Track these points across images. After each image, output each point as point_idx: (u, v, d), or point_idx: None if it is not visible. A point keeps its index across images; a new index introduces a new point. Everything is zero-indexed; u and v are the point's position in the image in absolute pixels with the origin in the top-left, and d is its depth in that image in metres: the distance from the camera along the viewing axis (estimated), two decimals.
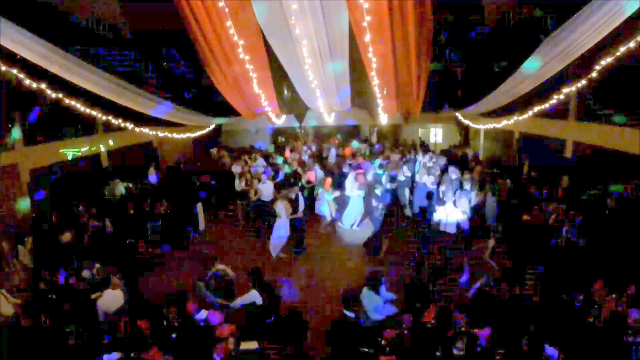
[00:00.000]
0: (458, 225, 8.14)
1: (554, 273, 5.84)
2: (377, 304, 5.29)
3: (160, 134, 10.68)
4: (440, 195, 8.87)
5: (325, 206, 9.53)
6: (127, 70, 7.02)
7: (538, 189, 8.68)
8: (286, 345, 4.43)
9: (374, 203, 8.87)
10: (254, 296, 5.30)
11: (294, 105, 10.79)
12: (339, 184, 9.84)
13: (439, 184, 9.44)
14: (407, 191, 10.14)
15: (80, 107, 6.95)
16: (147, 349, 4.08)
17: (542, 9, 5.84)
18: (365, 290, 5.32)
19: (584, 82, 6.18)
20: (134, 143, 11.71)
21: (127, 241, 7.63)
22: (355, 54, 7.56)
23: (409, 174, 10.28)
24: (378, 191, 9.05)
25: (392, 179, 10.38)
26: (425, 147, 14.64)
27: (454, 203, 8.32)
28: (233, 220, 10.27)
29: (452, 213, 8.14)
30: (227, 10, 6.35)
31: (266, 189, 9.54)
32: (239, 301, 5.40)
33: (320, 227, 9.66)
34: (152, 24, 7.91)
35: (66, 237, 7.12)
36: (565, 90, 6.80)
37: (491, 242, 7.42)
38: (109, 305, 5.27)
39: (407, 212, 9.91)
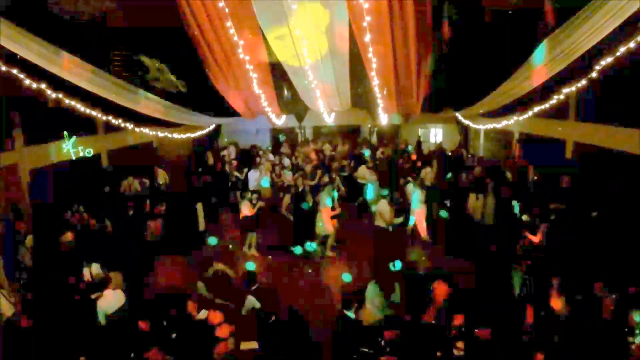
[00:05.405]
0: None
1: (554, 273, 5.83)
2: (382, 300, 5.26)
3: (160, 134, 10.66)
4: None
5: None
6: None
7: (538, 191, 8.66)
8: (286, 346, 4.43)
9: None
10: (251, 302, 5.32)
11: (294, 105, 10.78)
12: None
13: None
14: None
15: (80, 107, 6.94)
16: (147, 349, 4.08)
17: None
18: (371, 285, 5.30)
19: (584, 82, 6.16)
20: (134, 143, 11.71)
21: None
22: (356, 54, 7.57)
23: None
24: None
25: None
26: (419, 146, 14.62)
27: None
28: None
29: None
30: (227, 10, 6.36)
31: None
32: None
33: None
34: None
35: (66, 237, 7.10)
36: (566, 90, 6.79)
37: None
38: (109, 305, 5.27)
39: None
